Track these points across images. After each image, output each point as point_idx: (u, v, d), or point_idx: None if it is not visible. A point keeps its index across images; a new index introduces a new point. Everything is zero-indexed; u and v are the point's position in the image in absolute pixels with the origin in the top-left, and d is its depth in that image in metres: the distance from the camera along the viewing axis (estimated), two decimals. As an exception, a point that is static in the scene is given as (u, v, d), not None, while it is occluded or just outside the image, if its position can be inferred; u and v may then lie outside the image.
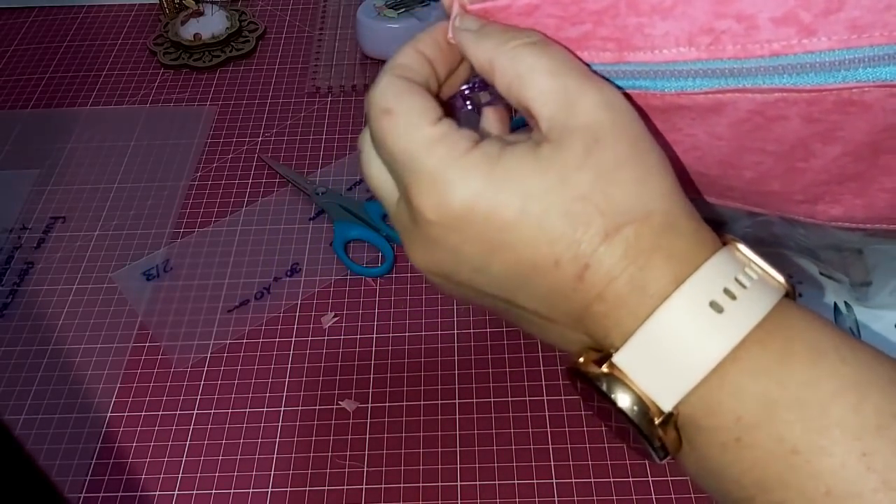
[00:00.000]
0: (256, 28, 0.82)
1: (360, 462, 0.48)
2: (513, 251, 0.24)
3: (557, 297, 0.24)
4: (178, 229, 0.62)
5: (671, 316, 0.23)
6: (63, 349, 0.55)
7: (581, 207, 0.23)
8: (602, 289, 0.23)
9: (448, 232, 0.24)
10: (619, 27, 0.23)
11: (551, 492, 0.46)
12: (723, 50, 0.22)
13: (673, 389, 0.23)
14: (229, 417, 0.50)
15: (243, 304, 0.57)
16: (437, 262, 0.26)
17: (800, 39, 0.21)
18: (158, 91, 0.76)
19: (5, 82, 0.78)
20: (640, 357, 0.23)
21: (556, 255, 0.23)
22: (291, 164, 0.67)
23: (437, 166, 0.24)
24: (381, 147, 0.26)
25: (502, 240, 0.24)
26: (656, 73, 0.23)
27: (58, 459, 0.49)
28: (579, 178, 0.23)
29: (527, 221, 0.23)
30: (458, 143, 0.24)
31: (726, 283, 0.23)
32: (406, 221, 0.26)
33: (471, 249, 0.24)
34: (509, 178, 0.23)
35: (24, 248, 0.62)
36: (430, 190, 0.24)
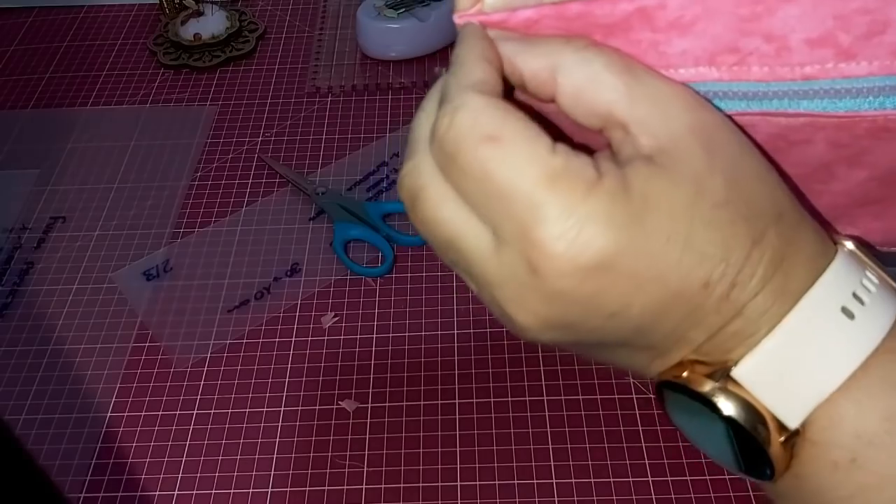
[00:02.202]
0: (256, 28, 0.82)
1: (360, 462, 0.48)
2: (659, 284, 0.21)
3: (689, 324, 0.22)
4: (178, 229, 0.62)
5: (803, 324, 0.21)
6: (63, 349, 0.55)
7: (724, 214, 0.20)
8: (745, 304, 0.21)
9: (584, 282, 0.20)
10: (630, 42, 0.21)
11: (551, 492, 0.46)
12: (748, 72, 0.20)
13: (801, 404, 0.21)
14: (229, 417, 0.50)
15: (243, 304, 0.57)
16: (559, 316, 0.21)
17: (836, 63, 0.19)
18: (158, 91, 0.76)
19: (5, 82, 0.78)
20: (767, 370, 0.21)
21: (706, 275, 0.21)
22: (291, 164, 0.67)
23: (566, 207, 0.20)
24: (480, 182, 0.21)
25: (649, 276, 0.20)
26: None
27: (58, 459, 0.49)
28: (713, 184, 0.20)
29: (674, 247, 0.20)
30: (583, 175, 0.20)
31: (854, 287, 0.21)
32: (517, 274, 0.21)
33: (610, 295, 0.21)
34: (648, 205, 0.20)
35: (24, 248, 0.62)
36: (560, 236, 0.20)
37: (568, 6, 0.21)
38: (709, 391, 0.22)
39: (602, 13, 0.21)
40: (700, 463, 0.47)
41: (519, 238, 0.21)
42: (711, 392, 0.22)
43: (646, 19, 0.20)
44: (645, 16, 0.20)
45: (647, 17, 0.20)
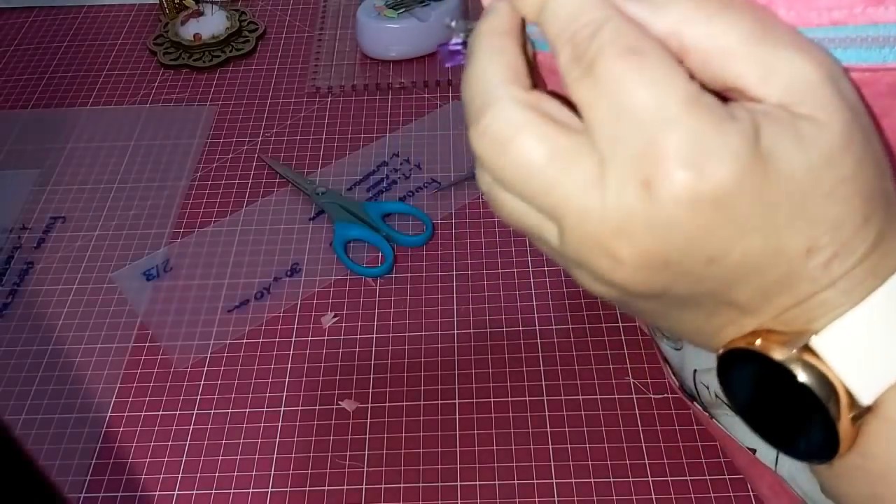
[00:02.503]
0: (256, 28, 0.82)
1: (360, 462, 0.48)
2: (764, 235, 0.21)
3: (781, 287, 0.22)
4: (178, 229, 0.62)
5: (890, 301, 0.21)
6: (63, 349, 0.55)
7: (845, 190, 0.20)
8: (840, 276, 0.21)
9: (696, 214, 0.20)
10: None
11: (551, 492, 0.46)
12: (773, 15, 0.20)
13: (877, 381, 0.21)
14: (229, 417, 0.50)
15: (243, 304, 0.57)
16: (660, 252, 0.21)
17: (864, 8, 0.19)
18: (158, 91, 0.76)
19: (5, 82, 0.78)
20: (847, 342, 0.21)
21: (813, 240, 0.21)
22: (291, 164, 0.67)
23: (698, 132, 0.19)
24: (614, 95, 0.20)
25: (757, 225, 0.20)
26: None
27: (58, 459, 0.49)
28: (844, 160, 0.20)
29: (789, 205, 0.20)
30: (717, 108, 0.20)
31: None
32: (626, 201, 0.20)
33: (716, 236, 0.20)
34: (774, 158, 0.20)
35: (24, 248, 0.62)
36: (686, 160, 0.19)
37: None
38: (785, 359, 0.21)
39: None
40: (700, 463, 0.47)
41: (639, 157, 0.20)
42: (788, 360, 0.21)
43: None
44: None
45: None
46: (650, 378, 0.51)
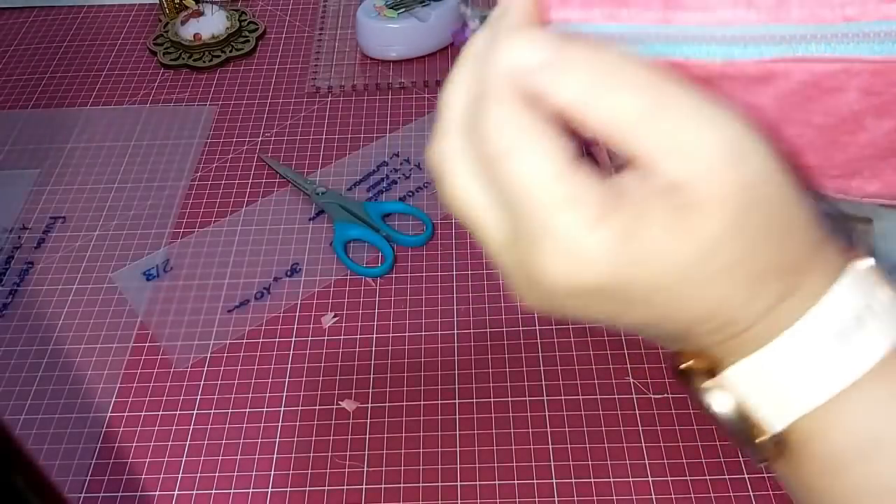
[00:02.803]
0: (256, 28, 0.82)
1: (360, 462, 0.48)
2: (646, 309, 0.22)
3: (683, 337, 0.23)
4: (178, 229, 0.62)
5: (794, 345, 0.22)
6: (63, 349, 0.55)
7: (730, 275, 0.21)
8: (738, 334, 0.22)
9: (574, 299, 0.22)
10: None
11: (551, 492, 0.46)
12: (787, 14, 0.19)
13: (784, 412, 0.22)
14: (229, 417, 0.50)
15: (243, 304, 0.57)
16: (556, 311, 0.23)
17: (878, 4, 0.19)
18: (158, 91, 0.76)
19: (5, 82, 0.78)
20: (755, 377, 0.22)
21: (694, 315, 0.22)
22: (291, 164, 0.67)
23: (573, 235, 0.20)
24: (509, 194, 0.21)
25: (637, 300, 0.21)
26: (705, 37, 0.20)
27: (58, 459, 0.49)
28: (730, 247, 0.20)
29: (666, 288, 0.21)
30: (594, 205, 0.20)
31: (857, 310, 0.21)
32: (518, 270, 0.22)
33: (601, 310, 0.22)
34: (648, 251, 0.20)
35: (24, 248, 0.62)
36: (559, 259, 0.20)
37: None
38: (704, 386, 0.23)
39: None
40: (700, 463, 0.47)
41: (523, 245, 0.21)
42: (707, 387, 0.23)
43: None
44: None
45: None
46: (650, 378, 0.51)
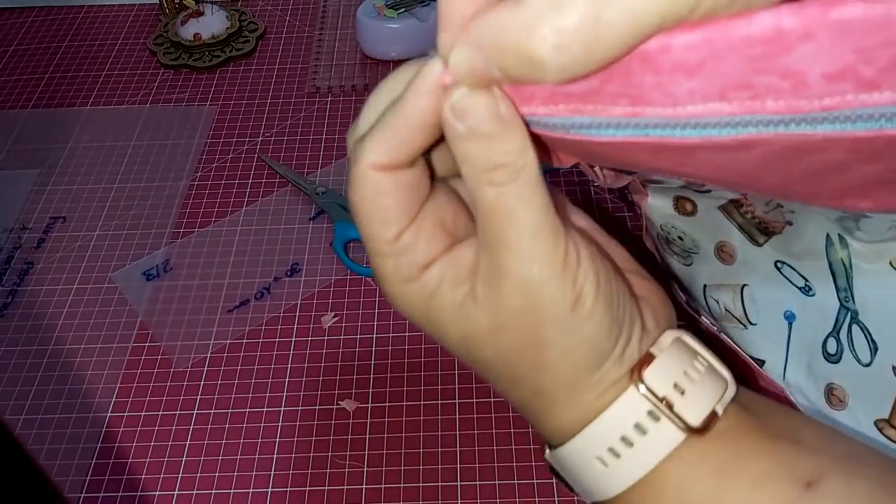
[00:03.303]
0: (256, 28, 0.82)
1: (360, 462, 0.48)
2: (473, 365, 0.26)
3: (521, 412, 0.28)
4: (178, 229, 0.62)
5: (567, 459, 0.25)
6: (63, 349, 0.55)
7: (492, 374, 0.26)
8: (537, 422, 0.26)
9: (420, 323, 0.26)
10: (632, 85, 0.20)
11: (551, 491, 0.46)
12: (762, 106, 0.19)
13: (587, 496, 0.25)
14: (229, 417, 0.50)
15: (243, 304, 0.57)
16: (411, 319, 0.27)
17: (857, 95, 0.18)
18: (158, 91, 0.76)
19: (5, 82, 0.78)
20: (561, 466, 0.26)
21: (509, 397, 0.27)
22: (291, 164, 0.67)
23: (384, 277, 0.25)
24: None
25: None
26: (677, 125, 0.21)
27: (58, 459, 0.49)
28: (484, 353, 0.25)
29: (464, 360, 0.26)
30: (405, 268, 0.25)
31: (623, 432, 0.24)
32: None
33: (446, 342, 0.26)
34: (435, 319, 0.25)
35: (24, 248, 0.62)
36: (384, 290, 0.26)
37: None
38: (545, 456, 0.27)
39: None
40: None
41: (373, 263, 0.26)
42: (546, 458, 0.27)
43: (647, 64, 0.19)
44: (646, 60, 0.19)
45: (648, 62, 0.19)
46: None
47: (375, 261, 0.25)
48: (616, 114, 0.21)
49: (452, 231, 0.25)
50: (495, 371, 0.25)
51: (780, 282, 0.41)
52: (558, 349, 0.23)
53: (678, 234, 0.45)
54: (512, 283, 0.23)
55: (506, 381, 0.25)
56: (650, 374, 0.24)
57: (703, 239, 0.44)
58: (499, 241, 0.22)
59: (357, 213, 0.24)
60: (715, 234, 0.43)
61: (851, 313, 0.38)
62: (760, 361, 0.43)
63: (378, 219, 0.24)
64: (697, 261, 0.45)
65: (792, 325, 0.41)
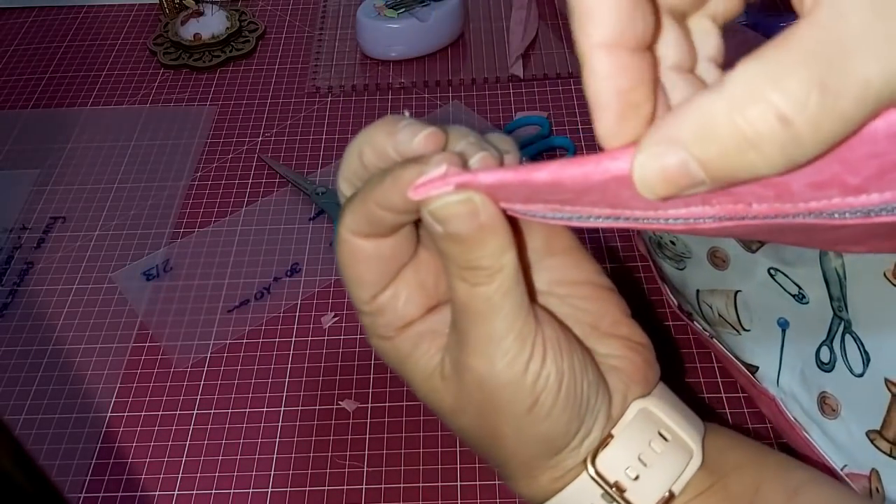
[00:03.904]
0: (256, 28, 0.82)
1: (360, 462, 0.48)
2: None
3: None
4: (178, 229, 0.62)
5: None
6: (63, 349, 0.55)
7: (468, 438, 0.26)
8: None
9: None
10: (610, 196, 0.20)
11: (551, 492, 0.46)
12: (746, 209, 0.19)
13: None
14: (229, 417, 0.50)
15: (243, 304, 0.57)
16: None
17: (844, 198, 0.18)
18: (158, 91, 0.76)
19: (5, 82, 0.78)
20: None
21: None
22: (291, 164, 0.67)
23: (365, 324, 0.27)
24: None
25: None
26: (659, 217, 0.20)
27: (58, 459, 0.49)
28: (450, 423, 0.26)
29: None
30: (380, 328, 0.27)
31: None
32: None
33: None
34: (412, 380, 0.26)
35: (24, 248, 0.62)
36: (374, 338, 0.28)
37: (534, 174, 0.20)
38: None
39: (572, 184, 0.20)
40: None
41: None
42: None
43: (623, 183, 0.19)
44: (622, 181, 0.19)
45: (625, 181, 0.19)
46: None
47: (359, 317, 0.26)
48: (596, 213, 0.21)
49: (434, 292, 0.25)
50: (460, 436, 0.26)
51: (774, 289, 0.41)
52: (513, 442, 0.24)
53: (670, 238, 0.45)
54: (472, 377, 0.23)
55: (470, 446, 0.26)
56: (603, 459, 0.24)
57: (695, 244, 0.44)
58: (466, 336, 0.23)
59: (341, 273, 0.25)
60: (708, 239, 0.43)
61: (845, 323, 0.37)
62: (754, 367, 0.43)
63: (355, 281, 0.25)
64: (690, 265, 0.45)
65: (786, 333, 0.41)
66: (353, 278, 0.24)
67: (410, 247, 0.25)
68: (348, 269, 0.24)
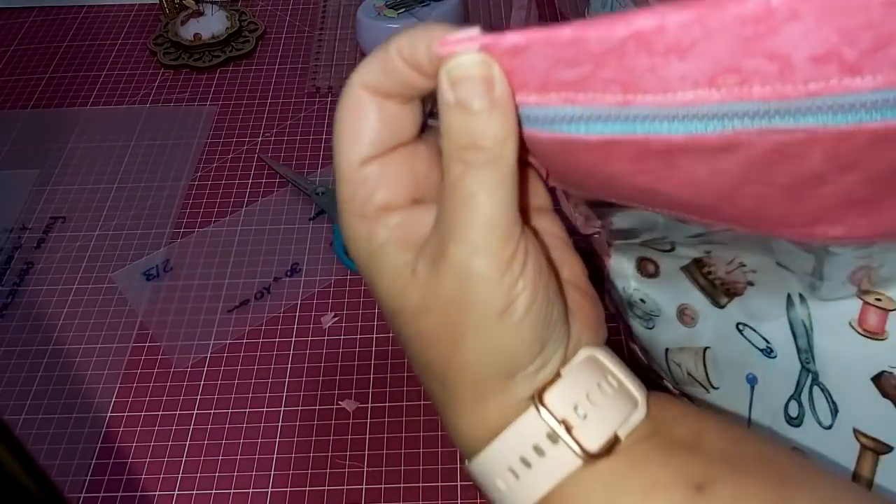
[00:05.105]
0: (256, 28, 0.82)
1: (360, 462, 0.48)
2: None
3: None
4: (178, 229, 0.62)
5: (481, 472, 0.25)
6: (63, 349, 0.55)
7: (417, 364, 0.26)
8: (454, 430, 0.27)
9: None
10: (625, 69, 0.20)
11: (551, 492, 0.46)
12: (749, 91, 0.20)
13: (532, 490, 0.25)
14: (229, 417, 0.50)
15: (243, 304, 0.57)
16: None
17: (840, 79, 0.19)
18: (158, 91, 0.76)
19: (5, 82, 0.78)
20: (477, 477, 0.26)
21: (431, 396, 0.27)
22: (291, 164, 0.67)
23: (343, 222, 0.26)
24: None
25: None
26: (666, 116, 0.21)
27: (58, 459, 0.49)
28: (407, 330, 0.25)
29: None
30: (360, 219, 0.25)
31: (522, 453, 0.24)
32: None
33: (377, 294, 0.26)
34: (375, 283, 0.25)
35: (24, 248, 0.62)
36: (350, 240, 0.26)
37: (559, 31, 0.20)
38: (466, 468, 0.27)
39: (596, 38, 0.20)
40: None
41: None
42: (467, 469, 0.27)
43: (643, 44, 0.20)
44: (642, 40, 0.20)
45: (644, 42, 0.20)
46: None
47: (338, 185, 0.24)
48: (607, 102, 0.21)
49: (422, 186, 0.25)
50: (412, 350, 0.25)
51: (742, 344, 0.40)
52: (473, 349, 0.23)
53: (640, 296, 0.44)
54: (449, 267, 0.22)
55: (420, 365, 0.25)
56: (551, 396, 0.23)
57: (665, 301, 0.43)
58: (451, 223, 0.22)
59: (335, 128, 0.24)
60: (677, 296, 0.42)
61: (812, 374, 0.37)
62: None
63: (350, 136, 0.23)
64: (659, 323, 0.44)
65: (754, 389, 0.40)
66: (350, 134, 0.23)
67: (412, 128, 0.24)
68: (346, 123, 0.23)
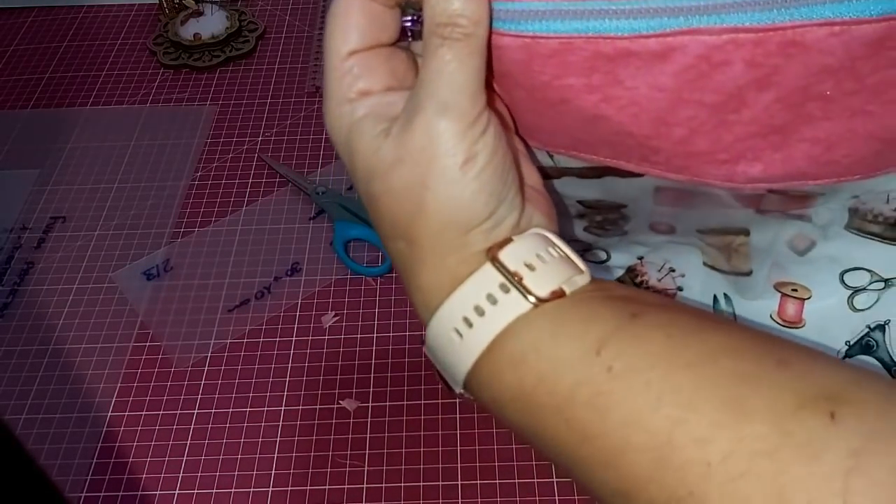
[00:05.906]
0: (256, 28, 0.82)
1: (360, 461, 0.48)
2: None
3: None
4: (178, 229, 0.62)
5: (436, 331, 0.27)
6: (63, 349, 0.55)
7: (378, 218, 0.28)
8: (415, 290, 0.28)
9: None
10: None
11: (552, 490, 0.46)
12: None
13: (454, 382, 0.27)
14: (229, 417, 0.50)
15: (243, 304, 0.57)
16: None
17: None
18: (158, 91, 0.76)
19: (5, 82, 0.78)
20: (432, 353, 0.28)
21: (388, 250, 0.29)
22: (291, 164, 0.67)
23: (327, 93, 0.28)
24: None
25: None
26: (615, 12, 0.24)
27: (58, 459, 0.49)
28: (379, 187, 0.27)
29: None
30: (344, 90, 0.27)
31: (476, 302, 0.26)
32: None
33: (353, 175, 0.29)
34: (347, 142, 0.28)
35: (24, 248, 0.62)
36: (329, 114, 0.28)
37: None
38: (424, 350, 0.29)
39: None
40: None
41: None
42: (425, 351, 0.29)
43: None
44: None
45: None
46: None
47: (326, 74, 0.27)
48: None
49: (401, 81, 0.28)
50: (382, 210, 0.27)
51: None
52: (437, 198, 0.26)
53: None
54: (421, 120, 0.26)
55: (388, 227, 0.27)
56: (504, 252, 0.26)
57: None
58: (426, 84, 0.26)
59: (327, 24, 0.27)
60: None
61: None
62: None
63: (340, 30, 0.27)
64: None
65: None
66: (342, 28, 0.27)
67: (393, 30, 0.28)
68: (339, 18, 0.27)
